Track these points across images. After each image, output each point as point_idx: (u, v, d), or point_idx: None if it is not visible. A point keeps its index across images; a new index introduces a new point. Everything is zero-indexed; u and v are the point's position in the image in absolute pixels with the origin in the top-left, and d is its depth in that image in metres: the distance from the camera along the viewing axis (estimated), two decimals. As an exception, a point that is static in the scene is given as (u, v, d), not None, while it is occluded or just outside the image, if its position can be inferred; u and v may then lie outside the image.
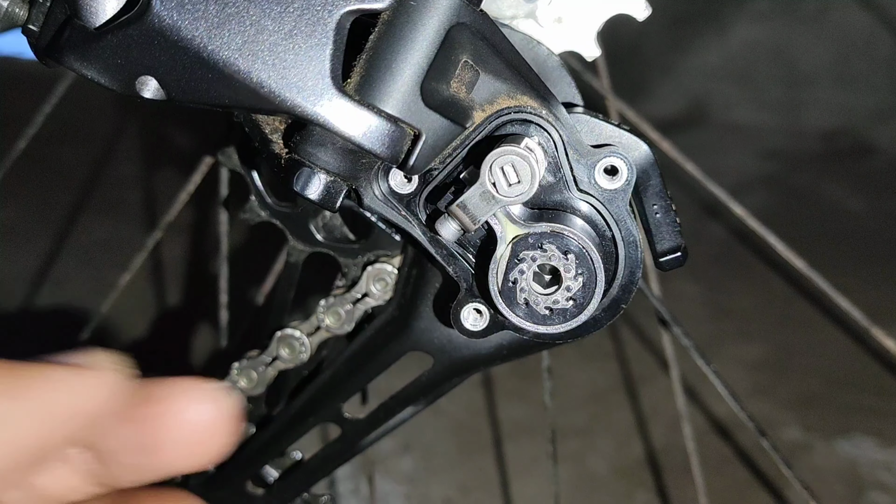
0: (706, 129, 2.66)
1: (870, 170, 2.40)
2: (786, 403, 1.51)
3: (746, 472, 1.36)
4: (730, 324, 1.74)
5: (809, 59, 2.73)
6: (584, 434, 1.46)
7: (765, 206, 2.10)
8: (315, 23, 0.43)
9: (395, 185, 0.48)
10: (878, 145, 2.51)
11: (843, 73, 2.69)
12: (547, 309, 0.47)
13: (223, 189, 1.02)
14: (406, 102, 0.43)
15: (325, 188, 0.44)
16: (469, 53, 0.45)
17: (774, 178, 2.36)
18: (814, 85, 2.70)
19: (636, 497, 1.34)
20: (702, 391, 1.50)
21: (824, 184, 2.32)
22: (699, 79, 2.79)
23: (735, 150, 2.52)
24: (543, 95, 0.46)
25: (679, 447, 1.26)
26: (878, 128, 2.56)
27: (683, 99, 2.77)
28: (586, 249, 0.46)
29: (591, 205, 0.47)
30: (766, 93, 2.73)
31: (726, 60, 2.78)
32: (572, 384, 1.56)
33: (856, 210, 2.19)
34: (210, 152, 1.00)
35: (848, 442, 1.42)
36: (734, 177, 2.29)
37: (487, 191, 0.44)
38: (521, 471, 1.37)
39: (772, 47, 2.77)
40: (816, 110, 2.66)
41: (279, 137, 0.47)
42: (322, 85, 0.43)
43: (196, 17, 0.43)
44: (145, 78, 0.44)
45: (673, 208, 0.50)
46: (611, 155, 0.47)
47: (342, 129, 0.43)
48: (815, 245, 1.52)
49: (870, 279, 1.77)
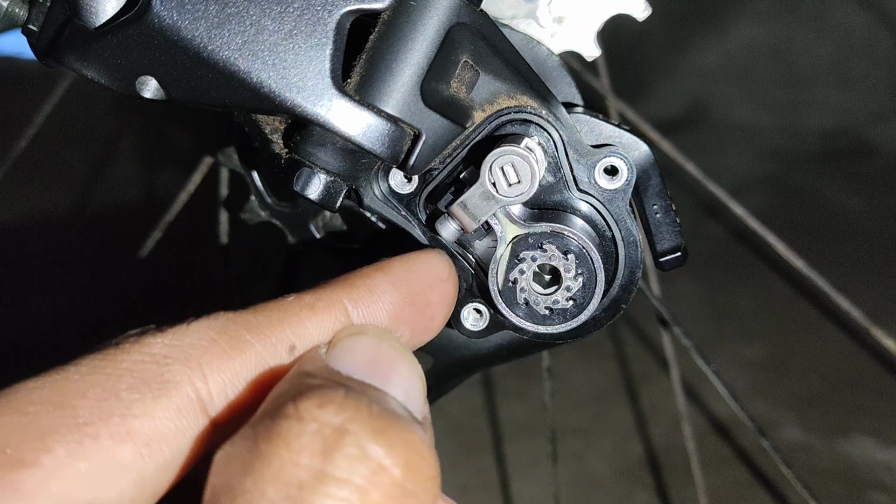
0: (706, 129, 2.66)
1: (870, 170, 2.40)
2: (786, 403, 1.51)
3: (746, 472, 1.36)
4: (730, 324, 1.74)
5: (809, 59, 2.73)
6: (584, 434, 1.46)
7: (765, 206, 2.10)
8: (315, 23, 0.43)
9: (395, 185, 0.48)
10: (878, 145, 2.51)
11: (843, 73, 2.69)
12: (547, 309, 0.47)
13: (223, 189, 1.02)
14: (406, 102, 0.43)
15: (325, 188, 0.44)
16: (469, 53, 0.45)
17: (774, 178, 2.36)
18: (814, 85, 2.70)
19: (636, 497, 1.34)
20: (702, 391, 1.50)
21: (824, 184, 2.32)
22: (699, 79, 2.79)
23: (735, 150, 2.52)
24: (543, 95, 0.46)
25: (679, 447, 1.27)
26: (877, 128, 2.56)
27: (683, 99, 2.77)
28: (586, 249, 0.46)
29: (591, 205, 0.47)
30: (766, 93, 2.73)
31: (726, 60, 2.78)
32: (572, 384, 1.56)
33: (856, 210, 2.19)
34: (210, 152, 1.00)
35: (848, 442, 1.42)
36: (734, 177, 2.29)
37: (487, 191, 0.44)
38: (521, 471, 1.38)
39: (772, 47, 2.77)
40: (816, 110, 2.66)
41: (279, 137, 0.47)
42: (322, 85, 0.43)
43: (196, 17, 0.43)
44: (145, 78, 0.44)
45: (673, 208, 0.50)
46: (611, 155, 0.47)
47: (342, 128, 0.43)
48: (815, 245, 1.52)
49: (870, 279, 1.76)
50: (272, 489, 0.27)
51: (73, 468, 0.31)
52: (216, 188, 1.02)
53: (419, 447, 0.30)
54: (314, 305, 0.38)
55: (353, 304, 0.39)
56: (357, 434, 0.29)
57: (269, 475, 0.28)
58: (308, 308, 0.37)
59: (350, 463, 0.28)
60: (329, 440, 0.28)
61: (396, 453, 0.29)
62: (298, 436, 0.28)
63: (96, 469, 0.31)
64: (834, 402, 1.51)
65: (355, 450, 0.28)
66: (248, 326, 0.36)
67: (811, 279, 1.09)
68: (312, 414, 0.29)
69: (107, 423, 0.31)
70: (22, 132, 1.13)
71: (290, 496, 0.27)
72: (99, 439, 0.31)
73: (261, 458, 0.28)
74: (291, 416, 0.29)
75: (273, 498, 0.27)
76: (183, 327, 0.35)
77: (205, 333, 0.35)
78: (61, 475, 0.30)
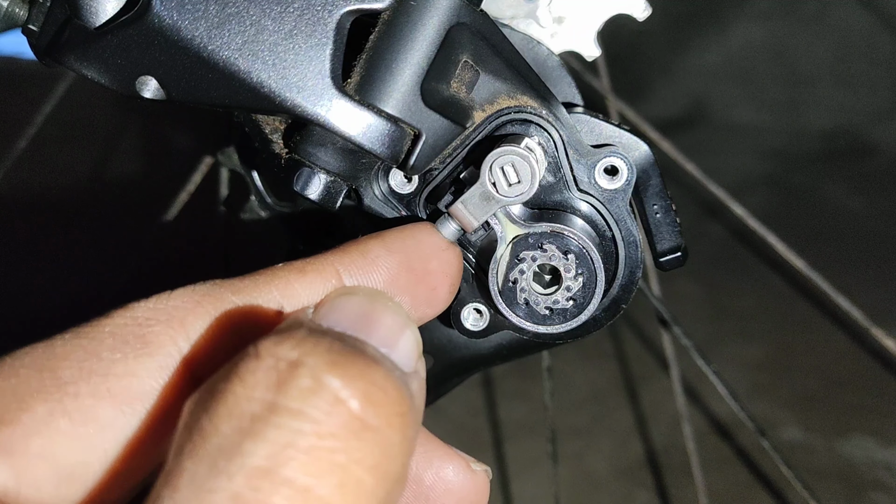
0: (706, 129, 2.65)
1: (870, 170, 2.40)
2: (786, 403, 1.51)
3: (746, 472, 1.36)
4: (730, 324, 1.74)
5: (809, 59, 2.73)
6: (584, 434, 1.46)
7: (765, 206, 2.10)
8: (315, 23, 0.43)
9: (396, 185, 0.48)
10: (878, 145, 2.50)
11: (843, 73, 2.69)
12: (547, 309, 0.47)
13: (223, 189, 1.02)
14: (406, 102, 0.43)
15: (325, 188, 0.44)
16: (469, 53, 0.45)
17: (774, 178, 2.36)
18: (814, 85, 2.70)
19: (636, 497, 1.34)
20: (702, 391, 1.50)
21: (824, 184, 2.32)
22: (699, 79, 2.79)
23: (735, 150, 2.51)
24: (543, 95, 0.46)
25: (679, 447, 1.27)
26: (878, 128, 2.56)
27: (683, 99, 2.77)
28: (586, 249, 0.46)
29: (592, 205, 0.47)
30: (766, 93, 2.73)
31: (726, 60, 2.78)
32: (572, 384, 1.56)
33: (856, 210, 2.19)
34: (210, 152, 1.00)
35: (848, 442, 1.42)
36: (734, 177, 2.29)
37: (487, 191, 0.44)
38: (521, 471, 1.37)
39: (772, 47, 2.77)
40: (816, 110, 2.66)
41: (279, 137, 0.47)
42: (322, 85, 0.43)
43: (196, 17, 0.43)
44: (145, 78, 0.44)
45: (673, 208, 0.50)
46: (611, 155, 0.47)
47: (342, 128, 0.43)
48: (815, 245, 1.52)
49: (870, 279, 1.76)
50: (226, 424, 0.27)
51: (54, 426, 0.31)
52: (216, 188, 1.02)
53: (382, 382, 0.28)
54: (304, 269, 0.37)
55: (345, 267, 0.38)
56: (313, 366, 0.28)
57: (224, 411, 0.27)
58: (297, 271, 0.37)
59: (303, 394, 0.27)
60: (283, 373, 0.28)
61: (354, 385, 0.28)
62: (254, 371, 0.28)
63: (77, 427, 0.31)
64: (834, 402, 1.51)
65: (309, 381, 0.27)
66: (233, 289, 0.36)
67: (811, 279, 1.09)
68: (269, 350, 0.28)
69: (87, 383, 0.32)
70: (22, 132, 1.13)
71: (242, 429, 0.26)
72: (79, 398, 0.31)
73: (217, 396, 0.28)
74: (250, 354, 0.28)
75: (226, 432, 0.27)
76: (167, 293, 0.35)
77: (189, 297, 0.35)
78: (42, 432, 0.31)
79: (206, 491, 0.25)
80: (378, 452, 0.27)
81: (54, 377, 0.31)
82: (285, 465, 0.26)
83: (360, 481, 0.27)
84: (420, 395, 0.32)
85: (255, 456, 0.26)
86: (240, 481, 0.26)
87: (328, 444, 0.27)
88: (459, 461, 0.40)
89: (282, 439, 0.26)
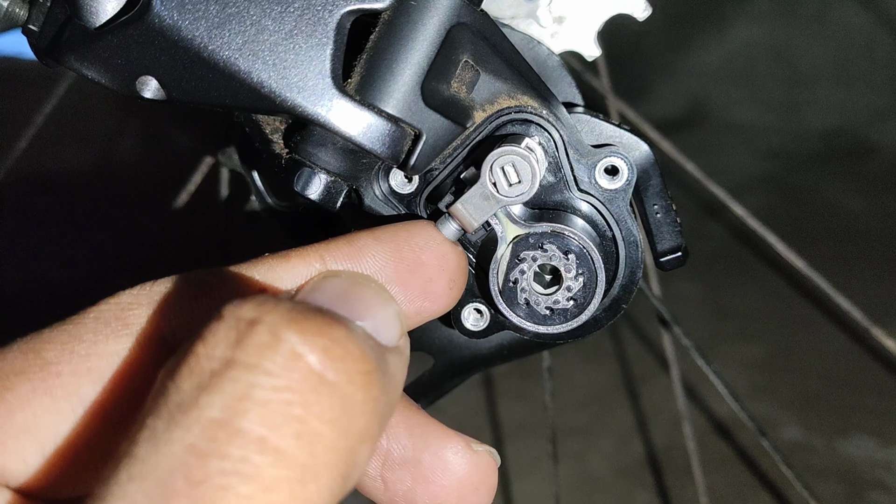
0: (706, 129, 2.66)
1: (870, 170, 2.40)
2: (786, 403, 1.51)
3: (746, 472, 1.36)
4: (730, 324, 1.74)
5: (809, 59, 2.73)
6: (585, 434, 1.46)
7: (765, 206, 2.10)
8: (315, 23, 0.43)
9: (396, 185, 0.48)
10: (878, 145, 2.51)
11: (843, 73, 2.69)
12: (547, 309, 0.47)
13: (223, 189, 1.02)
14: (406, 102, 0.43)
15: (325, 188, 0.44)
16: (469, 53, 0.45)
17: (774, 178, 2.36)
18: (814, 85, 2.70)
19: (636, 497, 1.34)
20: (702, 391, 1.50)
21: (824, 184, 2.32)
22: (699, 79, 2.79)
23: (735, 150, 2.52)
24: (544, 95, 0.46)
25: (679, 447, 1.27)
26: (877, 128, 2.56)
27: (683, 99, 2.77)
28: (587, 249, 0.46)
29: (592, 205, 0.47)
30: (766, 93, 2.73)
31: (726, 60, 2.78)
32: (572, 384, 1.56)
33: (856, 210, 2.19)
34: (210, 152, 1.00)
35: (848, 442, 1.42)
36: (734, 177, 2.29)
37: (488, 191, 0.44)
38: (522, 471, 1.37)
39: (772, 47, 2.77)
40: (816, 110, 2.66)
41: (280, 137, 0.47)
42: (322, 85, 0.43)
43: (196, 17, 0.43)
44: (145, 78, 0.44)
45: (673, 208, 0.50)
46: (611, 155, 0.47)
47: (342, 129, 0.43)
48: (815, 245, 1.52)
49: (870, 279, 1.77)
50: (186, 382, 0.27)
51: (37, 402, 0.33)
52: (216, 188, 1.02)
53: (343, 339, 0.28)
54: (287, 255, 0.38)
55: (330, 254, 0.38)
56: (271, 323, 0.28)
57: (186, 370, 0.28)
58: (281, 257, 0.37)
59: (260, 349, 0.27)
60: (242, 331, 0.28)
61: (312, 341, 0.28)
62: (215, 332, 0.28)
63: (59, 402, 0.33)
64: (834, 402, 1.51)
65: (267, 337, 0.28)
66: (217, 275, 0.36)
67: (811, 279, 1.09)
68: (231, 312, 0.29)
69: (69, 363, 0.33)
70: (22, 132, 1.13)
71: (201, 385, 0.27)
72: (62, 376, 0.33)
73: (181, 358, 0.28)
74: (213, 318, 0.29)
75: (186, 389, 0.27)
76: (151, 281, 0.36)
77: (172, 283, 0.36)
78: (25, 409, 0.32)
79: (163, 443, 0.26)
80: (337, 407, 0.28)
81: (39, 358, 0.33)
82: (241, 417, 0.26)
83: (318, 433, 0.27)
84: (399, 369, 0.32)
85: (211, 408, 0.26)
86: (196, 432, 0.26)
87: (285, 396, 0.27)
88: (459, 441, 0.40)
89: (238, 392, 0.27)
